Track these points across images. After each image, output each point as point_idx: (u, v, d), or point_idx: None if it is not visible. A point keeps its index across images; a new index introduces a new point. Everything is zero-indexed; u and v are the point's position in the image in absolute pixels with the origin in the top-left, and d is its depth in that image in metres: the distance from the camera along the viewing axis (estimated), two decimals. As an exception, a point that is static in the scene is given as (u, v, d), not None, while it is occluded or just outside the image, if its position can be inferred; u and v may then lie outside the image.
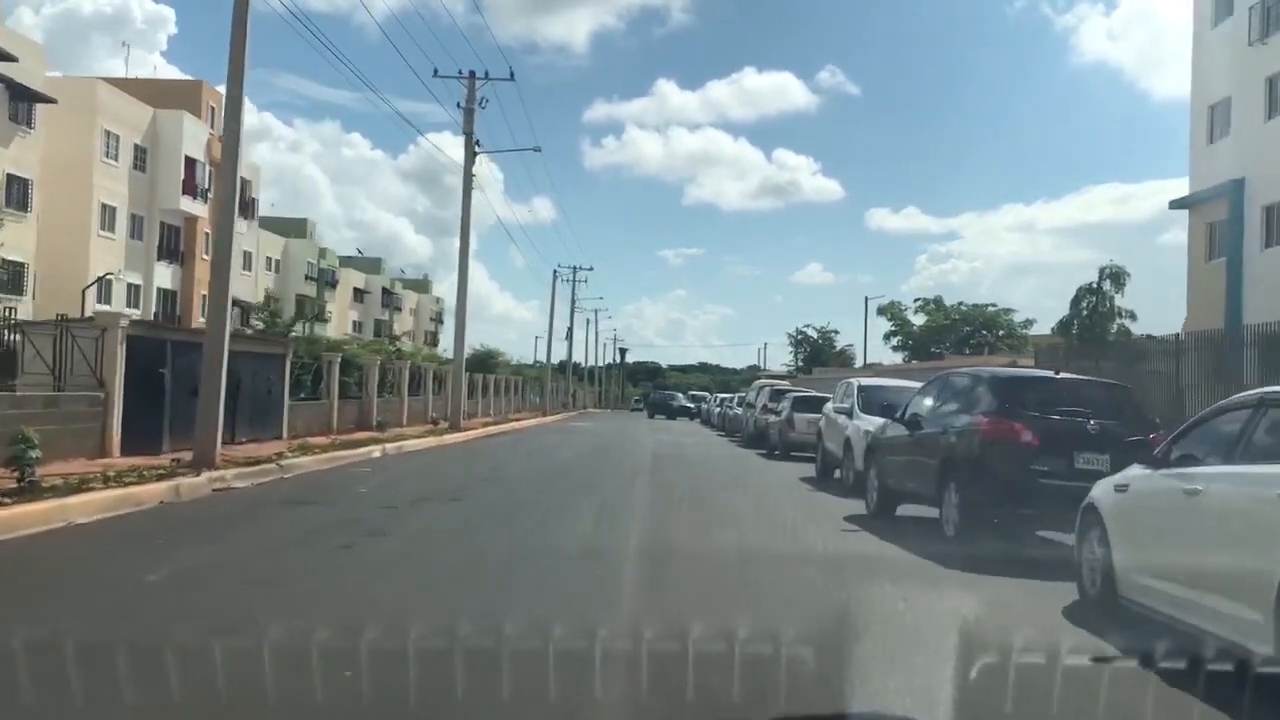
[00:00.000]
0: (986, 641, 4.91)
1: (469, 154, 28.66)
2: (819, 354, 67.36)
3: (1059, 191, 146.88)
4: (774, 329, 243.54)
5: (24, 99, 32.70)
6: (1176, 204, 27.10)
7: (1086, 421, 9.05)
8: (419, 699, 4.03)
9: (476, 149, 28.97)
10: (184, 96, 44.06)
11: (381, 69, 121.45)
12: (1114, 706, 4.11)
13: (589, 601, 6.37)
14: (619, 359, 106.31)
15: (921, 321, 49.22)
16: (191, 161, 42.96)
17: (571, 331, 71.89)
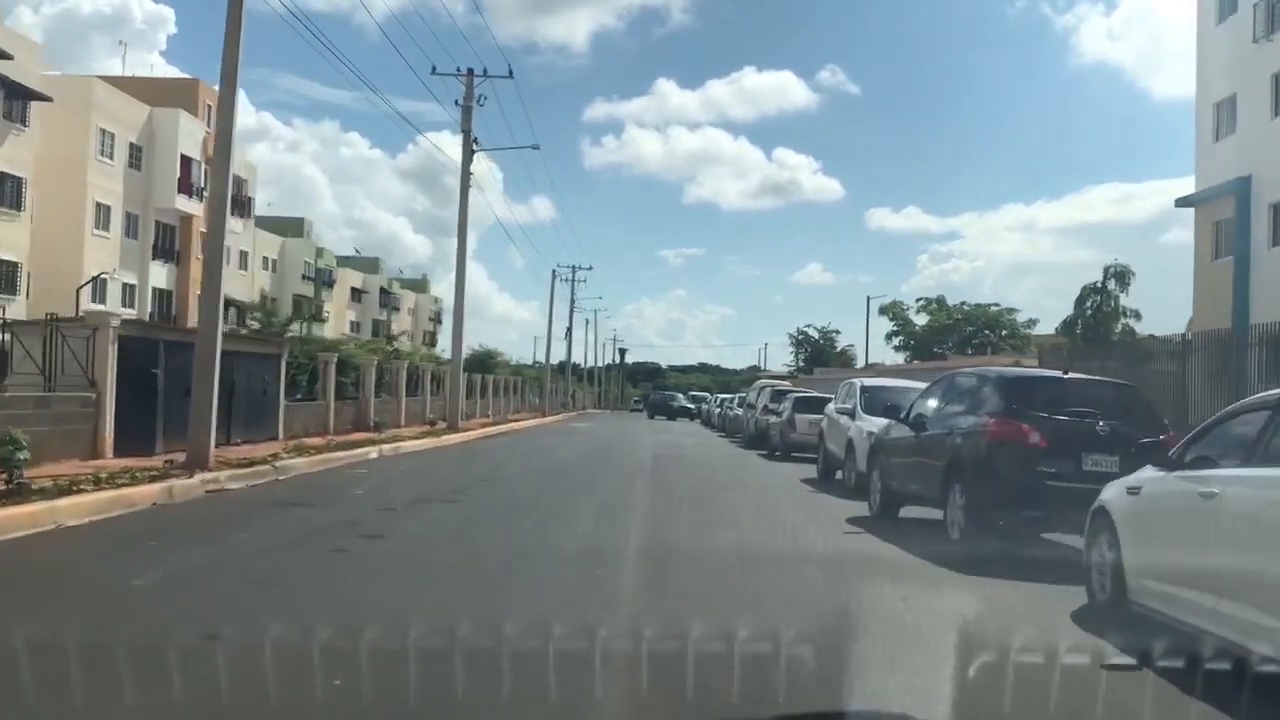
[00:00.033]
0: (993, 645, 4.79)
1: (467, 151, 28.56)
2: (820, 354, 67.18)
3: (1059, 191, 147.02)
4: (774, 329, 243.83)
5: (19, 97, 32.55)
6: (1182, 202, 26.93)
7: (1095, 422, 8.87)
8: (417, 701, 3.96)
9: (475, 147, 28.90)
10: (180, 95, 43.87)
11: (381, 69, 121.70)
12: (1126, 713, 4.01)
13: (588, 602, 6.28)
14: (619, 359, 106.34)
15: (924, 321, 49.11)
16: (187, 160, 42.74)
17: (571, 332, 71.90)
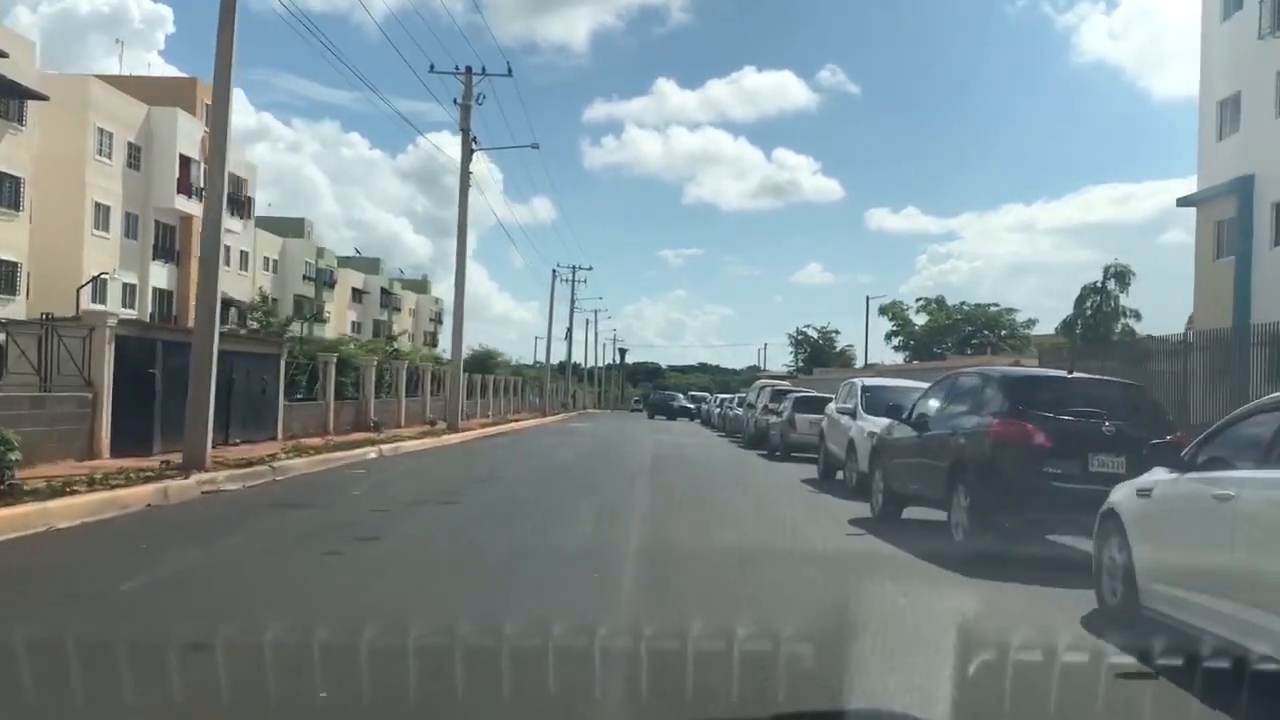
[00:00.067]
0: (1000, 649, 4.67)
1: (466, 150, 28.48)
2: (819, 354, 67.10)
3: (1059, 191, 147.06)
4: (774, 329, 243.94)
5: (15, 96, 32.37)
6: (1184, 201, 26.77)
7: (1101, 422, 8.75)
8: (411, 708, 3.88)
9: (474, 146, 28.81)
10: (178, 94, 43.68)
11: (381, 69, 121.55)
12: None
13: (587, 603, 6.19)
14: (619, 359, 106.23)
15: (923, 321, 49.03)
16: (186, 160, 42.53)
17: (571, 332, 71.79)
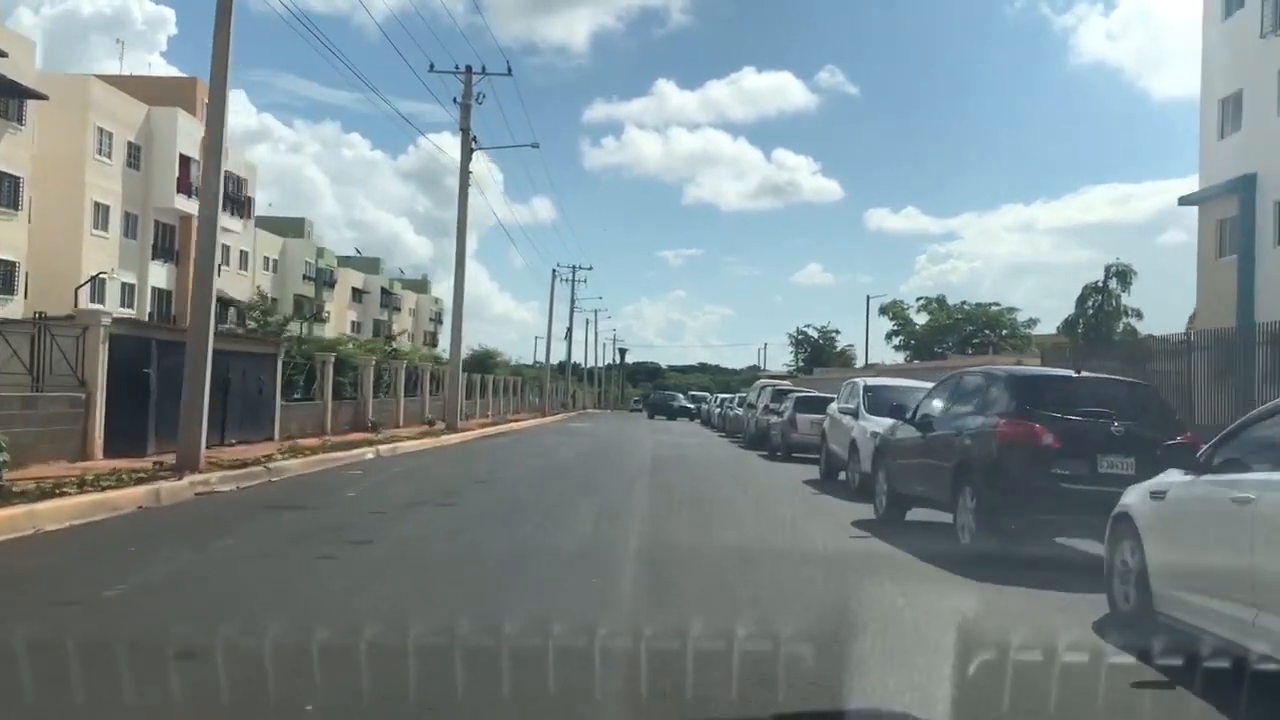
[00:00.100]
0: (1012, 656, 4.52)
1: (465, 149, 28.37)
2: (820, 354, 66.93)
3: (1058, 191, 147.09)
4: (774, 329, 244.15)
5: (14, 95, 32.23)
6: (1185, 200, 26.61)
7: (1110, 423, 8.58)
8: (405, 716, 3.78)
9: (474, 145, 28.67)
10: (179, 94, 43.50)
11: (381, 70, 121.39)
12: None
13: (587, 608, 6.08)
14: (619, 359, 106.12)
15: (924, 321, 48.88)
16: (186, 159, 42.34)
17: (571, 332, 71.66)
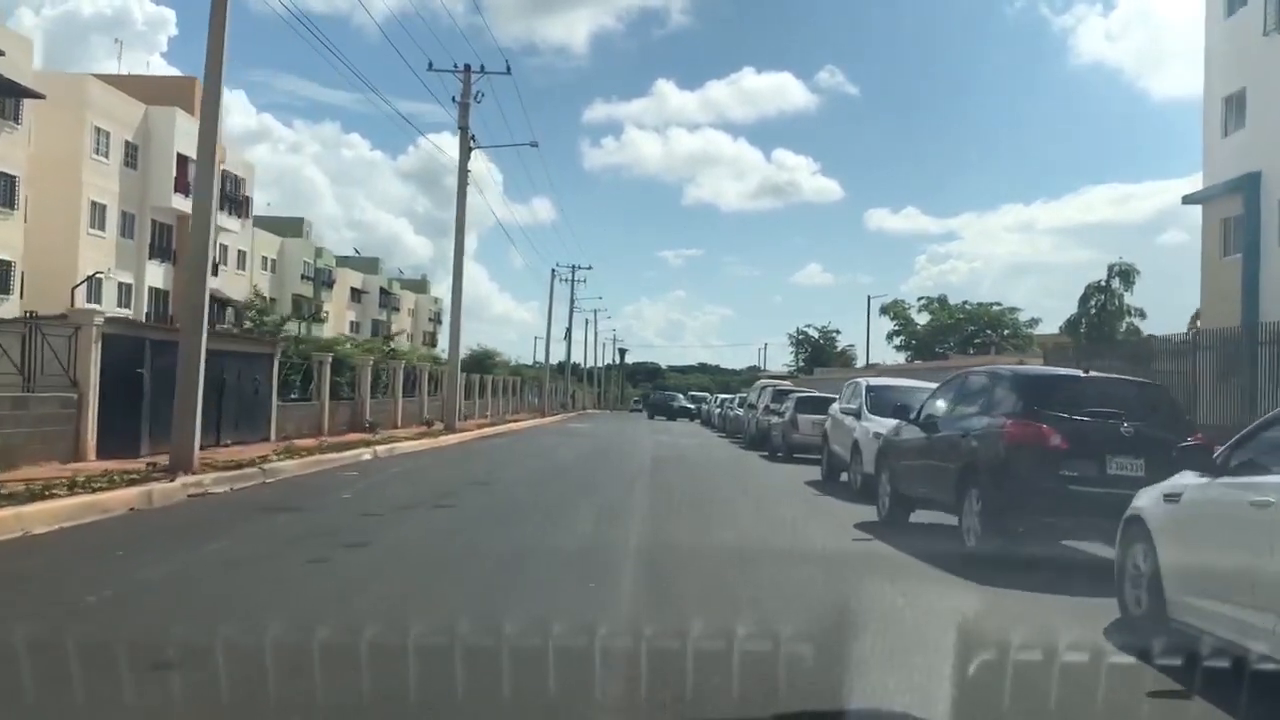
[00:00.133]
0: (1024, 664, 4.39)
1: (464, 148, 28.20)
2: (820, 354, 66.73)
3: (1058, 192, 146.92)
4: (774, 329, 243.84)
5: (10, 94, 31.98)
6: (1189, 199, 26.38)
7: (1119, 423, 8.40)
8: None
9: (472, 145, 28.48)
10: (177, 93, 43.22)
11: (381, 70, 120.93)
12: None
13: (587, 608, 5.96)
14: (618, 359, 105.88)
15: (925, 320, 48.71)
16: (184, 159, 41.93)
17: (570, 332, 71.41)
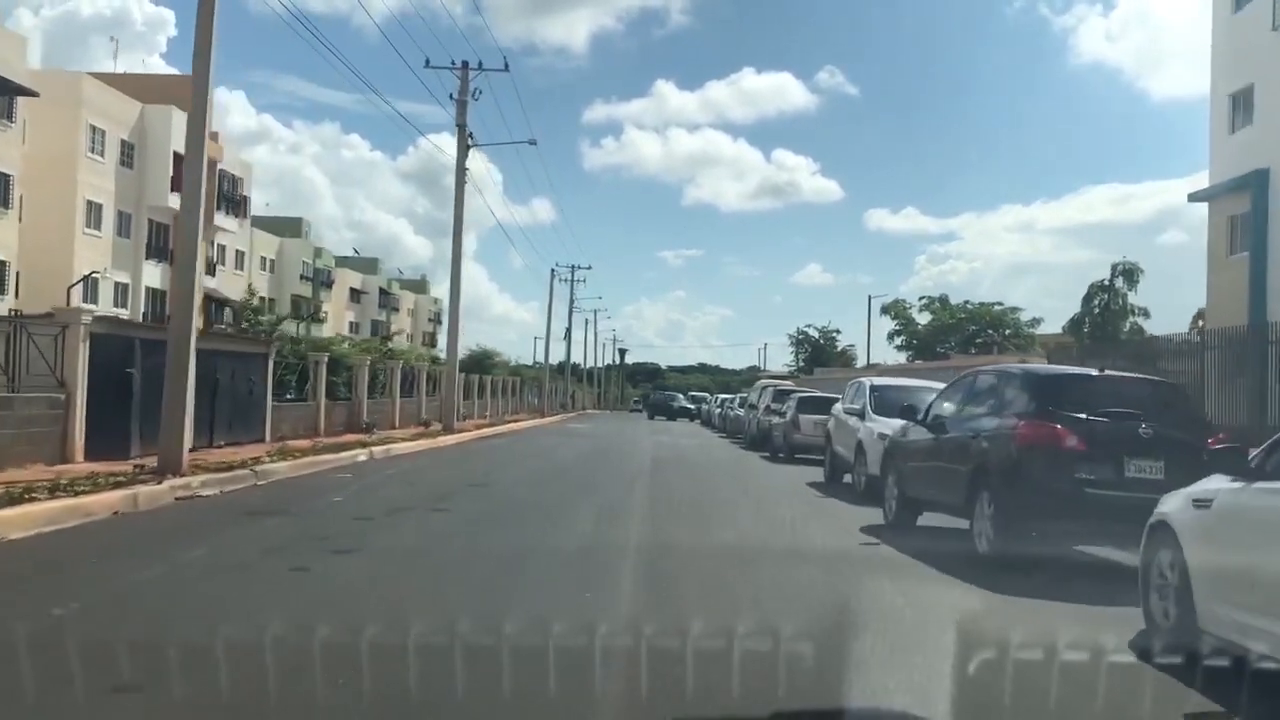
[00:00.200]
0: (1047, 681, 4.12)
1: (462, 145, 27.95)
2: (820, 354, 66.54)
3: (1058, 192, 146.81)
4: (774, 329, 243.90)
5: (4, 92, 31.69)
6: (1195, 197, 26.11)
7: (1137, 424, 8.10)
8: None
9: (471, 143, 28.22)
10: (174, 92, 42.85)
11: (381, 70, 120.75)
12: None
13: (587, 608, 5.83)
14: (618, 360, 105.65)
15: (926, 320, 48.50)
16: (181, 158, 41.47)
17: (570, 332, 71.15)
